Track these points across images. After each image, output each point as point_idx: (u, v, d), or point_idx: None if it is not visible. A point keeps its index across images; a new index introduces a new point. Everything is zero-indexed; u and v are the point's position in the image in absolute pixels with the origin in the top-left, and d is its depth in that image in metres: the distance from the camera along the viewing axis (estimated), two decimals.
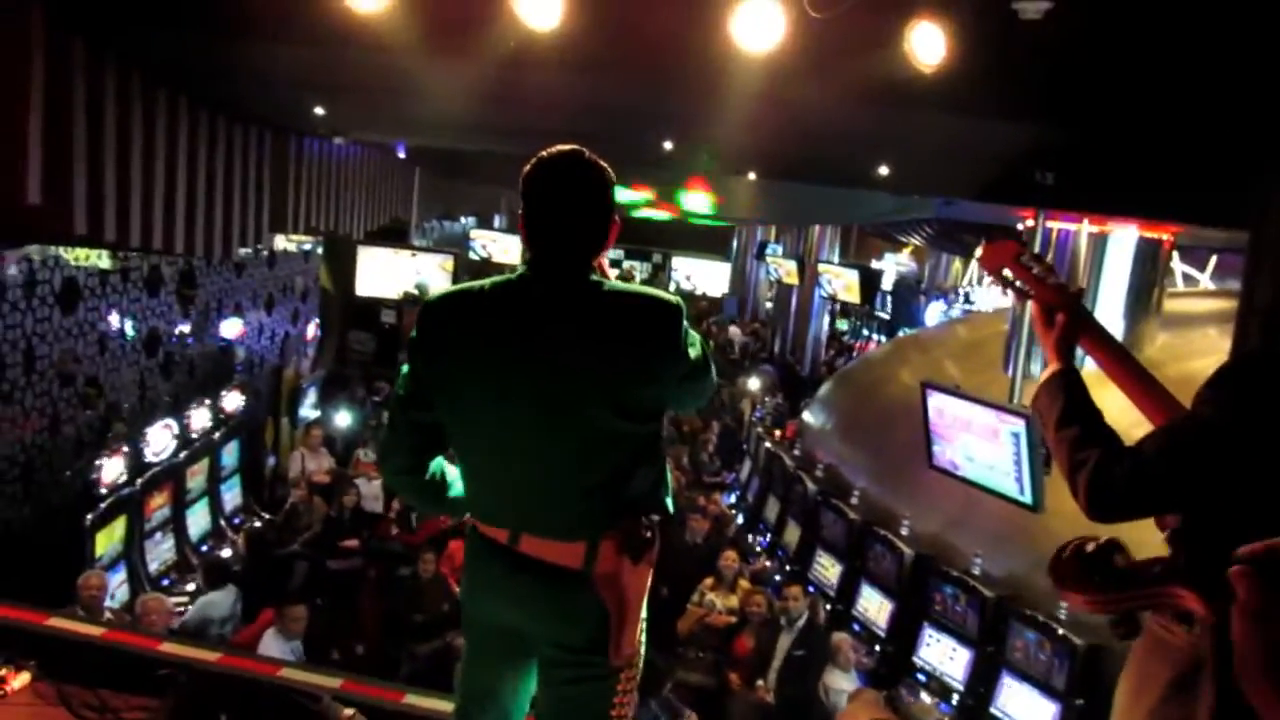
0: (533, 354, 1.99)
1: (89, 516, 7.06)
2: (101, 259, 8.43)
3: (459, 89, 4.85)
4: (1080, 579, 1.71)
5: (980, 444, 6.37)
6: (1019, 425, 6.03)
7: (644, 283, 21.04)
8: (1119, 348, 2.08)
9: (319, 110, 6.42)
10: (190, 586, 7.84)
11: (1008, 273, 2.14)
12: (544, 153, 2.05)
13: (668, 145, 6.62)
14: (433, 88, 4.92)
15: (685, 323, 2.07)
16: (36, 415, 7.85)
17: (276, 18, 4.43)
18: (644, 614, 2.18)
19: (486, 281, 2.10)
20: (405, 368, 2.15)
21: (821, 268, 16.77)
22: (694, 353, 2.09)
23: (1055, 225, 7.70)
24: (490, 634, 2.27)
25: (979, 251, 2.20)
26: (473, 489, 2.18)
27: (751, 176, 9.52)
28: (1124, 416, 2.01)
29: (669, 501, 2.17)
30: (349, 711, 3.15)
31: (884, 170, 6.93)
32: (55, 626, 3.48)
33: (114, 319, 8.78)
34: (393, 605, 7.65)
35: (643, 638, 2.22)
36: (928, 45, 4.04)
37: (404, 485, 2.27)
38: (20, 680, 3.20)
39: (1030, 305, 2.16)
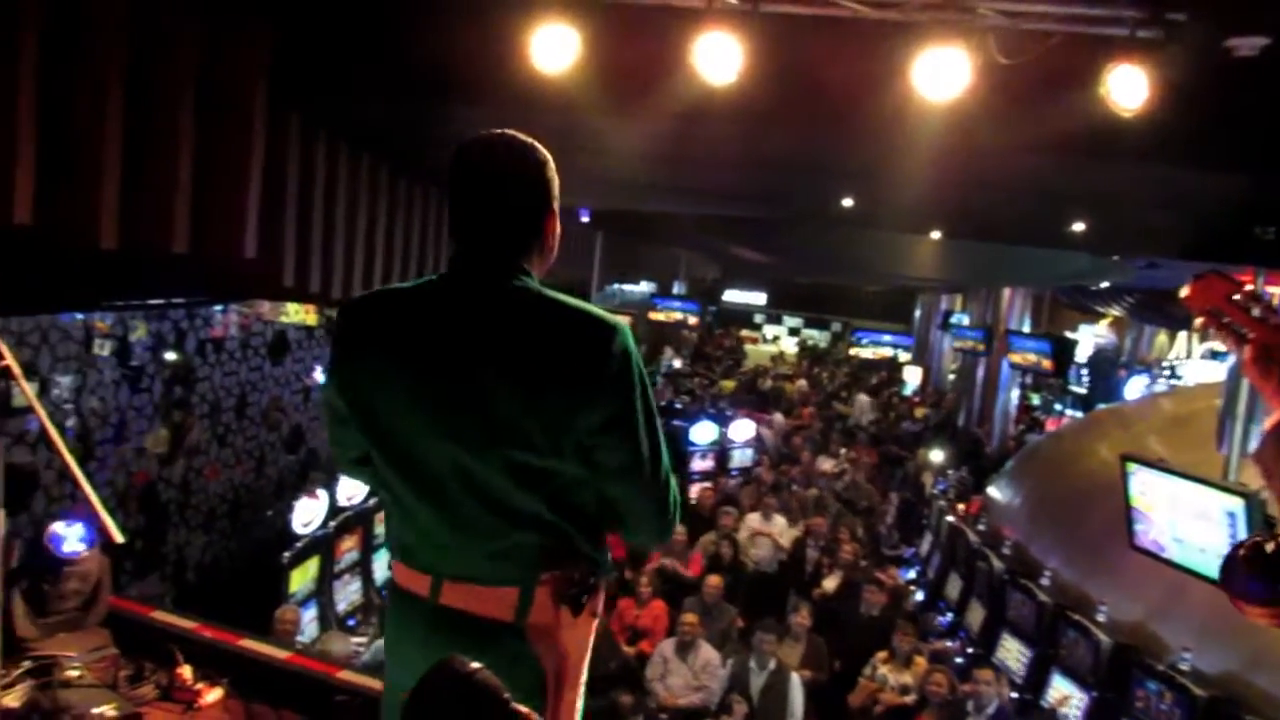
0: (444, 362, 1.73)
1: (285, 555, 7.49)
2: (309, 315, 9.07)
3: (638, 147, 4.98)
4: (1259, 587, 1.45)
5: (1190, 524, 5.84)
6: (1236, 504, 5.50)
7: (823, 351, 20.76)
8: None
9: None
10: (373, 628, 8.16)
11: (1219, 313, 1.95)
12: (470, 138, 1.80)
13: (847, 201, 6.54)
14: (613, 146, 5.07)
15: (628, 350, 1.72)
16: (245, 457, 8.47)
17: (468, 82, 4.69)
18: (584, 679, 1.86)
19: (411, 282, 1.87)
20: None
21: (1011, 338, 16.05)
22: (632, 395, 1.72)
23: (1278, 290, 7.08)
24: None
25: (1185, 290, 2.02)
26: (393, 521, 1.89)
27: (935, 235, 9.24)
28: None
29: (605, 557, 1.86)
30: None
31: (1079, 227, 6.57)
32: (247, 647, 3.68)
33: (318, 372, 9.41)
34: None
35: (579, 706, 1.87)
36: (1129, 88, 3.81)
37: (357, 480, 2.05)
38: (214, 695, 3.38)
39: (1245, 350, 1.95)
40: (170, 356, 7.50)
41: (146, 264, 5.27)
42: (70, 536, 3.68)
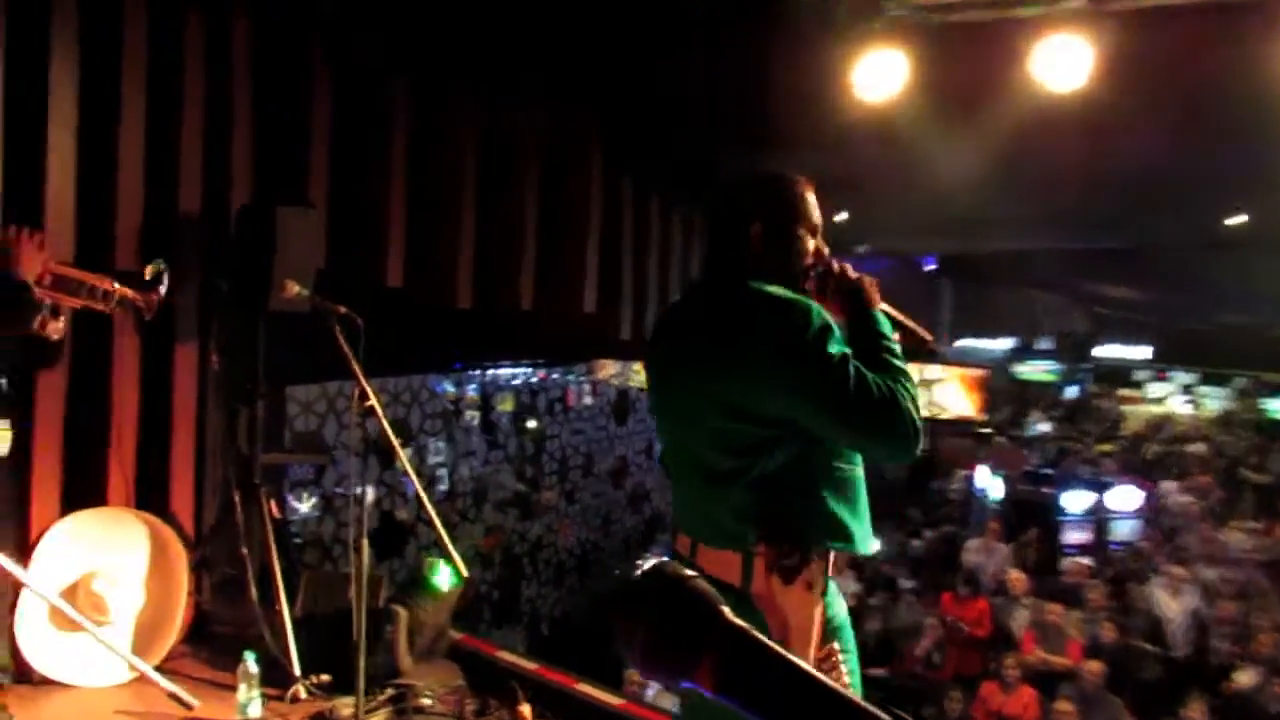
0: (673, 356, 2.17)
1: None
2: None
3: (974, 175, 4.75)
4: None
5: None
6: None
7: (1228, 417, 18.29)
8: None
9: (837, 216, 6.67)
10: None
11: None
12: None
13: (1238, 219, 5.77)
14: (945, 178, 4.88)
15: (804, 325, 1.93)
16: (592, 516, 8.98)
17: (792, 130, 4.75)
18: (822, 652, 2.02)
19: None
20: None
21: None
22: (811, 363, 1.92)
23: None
24: None
25: None
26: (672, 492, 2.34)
27: None
28: None
29: (822, 532, 2.00)
30: None
31: None
32: (583, 691, 3.85)
33: None
34: None
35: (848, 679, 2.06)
36: None
37: None
38: None
39: None
40: (530, 424, 8.19)
41: (498, 325, 5.83)
42: (443, 573, 4.05)
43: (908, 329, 2.17)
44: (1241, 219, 5.73)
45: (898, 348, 2.05)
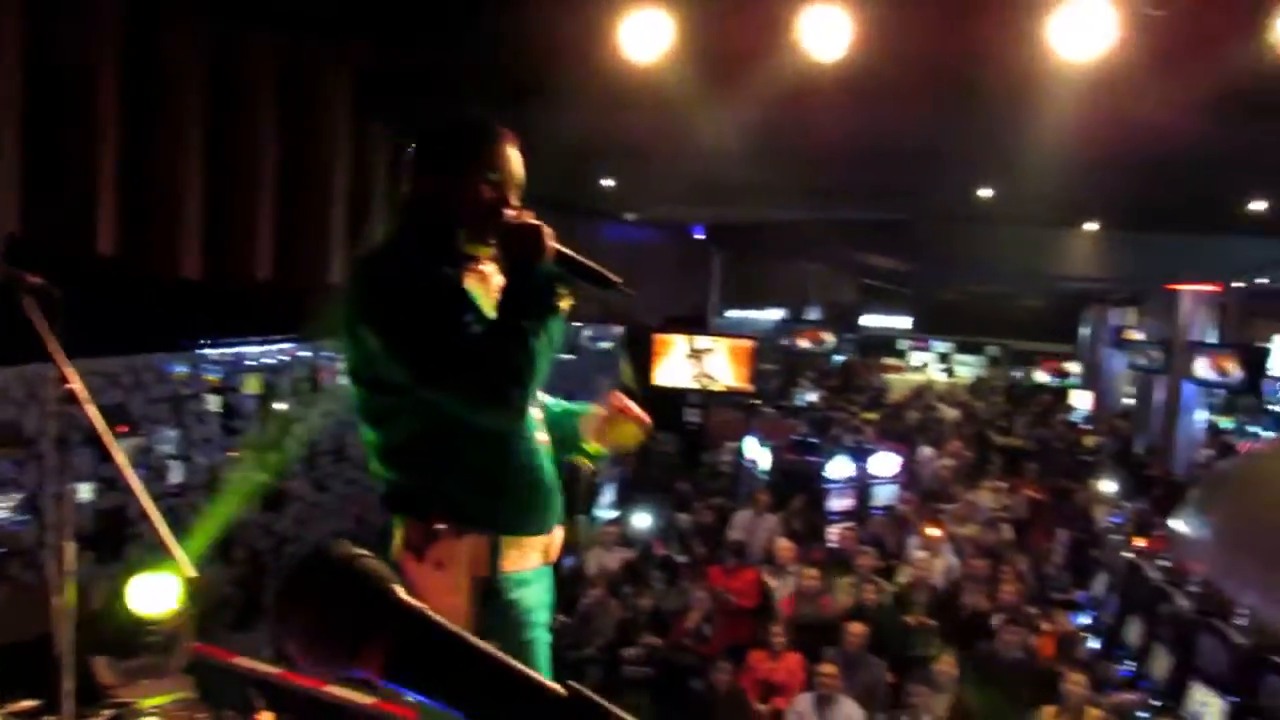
0: None
1: None
2: None
3: (743, 143, 4.90)
4: None
5: None
6: None
7: (980, 383, 19.82)
8: None
9: (605, 182, 6.74)
10: None
11: None
12: None
13: (985, 192, 6.28)
14: (715, 145, 5.01)
15: (399, 284, 1.96)
16: (348, 504, 8.68)
17: (556, 84, 4.72)
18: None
19: None
20: None
21: (1192, 351, 15.19)
22: (399, 322, 1.94)
23: None
24: None
25: None
26: None
27: (1089, 227, 8.79)
28: None
29: (464, 523, 1.99)
30: None
31: (1259, 206, 6.11)
32: (331, 693, 3.72)
33: None
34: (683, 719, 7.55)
35: None
36: None
37: None
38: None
39: None
40: (276, 407, 7.80)
41: (235, 298, 5.49)
42: (154, 591, 3.76)
43: (592, 272, 2.10)
44: (989, 192, 6.23)
45: (530, 303, 1.97)
